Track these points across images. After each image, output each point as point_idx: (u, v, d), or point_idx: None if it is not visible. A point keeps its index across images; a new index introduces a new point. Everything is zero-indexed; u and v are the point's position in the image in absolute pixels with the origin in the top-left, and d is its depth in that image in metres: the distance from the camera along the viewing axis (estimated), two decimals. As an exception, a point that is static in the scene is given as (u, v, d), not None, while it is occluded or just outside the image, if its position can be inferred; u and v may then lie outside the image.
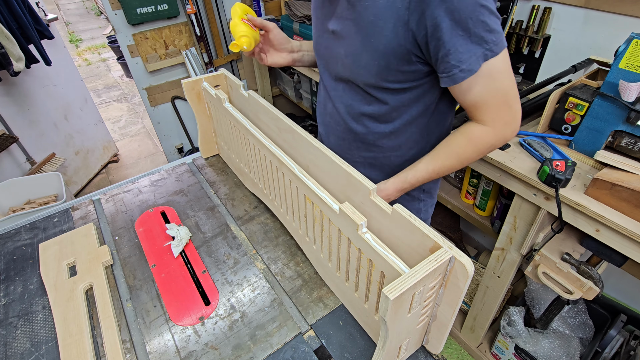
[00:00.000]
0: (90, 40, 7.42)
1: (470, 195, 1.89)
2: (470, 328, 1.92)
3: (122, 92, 5.34)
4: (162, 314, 0.95)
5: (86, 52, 6.92)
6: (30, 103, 2.86)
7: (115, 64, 6.21)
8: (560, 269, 1.28)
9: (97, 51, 6.95)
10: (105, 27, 7.84)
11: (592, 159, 1.30)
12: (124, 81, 5.67)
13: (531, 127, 1.51)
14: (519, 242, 1.46)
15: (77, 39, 7.47)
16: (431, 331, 0.80)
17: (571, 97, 1.34)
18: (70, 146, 3.27)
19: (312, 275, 1.04)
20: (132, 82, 5.53)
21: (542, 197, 1.28)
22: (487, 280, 1.68)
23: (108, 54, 6.73)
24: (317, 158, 0.89)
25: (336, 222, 0.80)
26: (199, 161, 1.48)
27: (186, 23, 2.85)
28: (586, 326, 1.71)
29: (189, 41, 2.93)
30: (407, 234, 0.73)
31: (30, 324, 0.94)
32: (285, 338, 0.89)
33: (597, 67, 1.48)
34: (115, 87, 5.51)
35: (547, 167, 1.20)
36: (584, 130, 1.31)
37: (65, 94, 3.19)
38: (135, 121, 4.57)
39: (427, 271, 0.61)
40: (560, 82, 1.61)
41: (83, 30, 7.92)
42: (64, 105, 3.19)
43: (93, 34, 7.73)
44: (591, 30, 1.60)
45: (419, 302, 0.66)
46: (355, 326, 0.92)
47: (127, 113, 4.78)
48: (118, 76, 5.85)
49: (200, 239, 1.14)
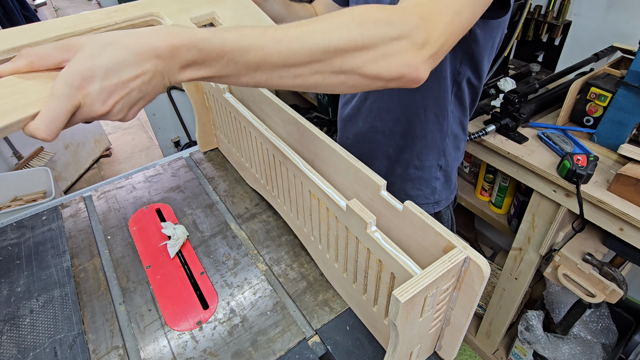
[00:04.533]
0: (81, 28, 7.42)
1: (485, 191, 1.88)
2: (486, 333, 1.92)
3: (114, 83, 5.33)
4: (157, 318, 0.96)
5: (76, 40, 6.92)
6: (17, 94, 2.86)
7: (107, 53, 6.21)
8: (582, 271, 1.28)
9: (87, 39, 6.95)
10: (96, 13, 7.83)
11: (615, 153, 1.29)
12: (116, 71, 5.67)
13: (551, 120, 1.51)
14: (537, 241, 1.46)
15: (66, 26, 7.47)
16: (444, 336, 0.79)
17: (593, 87, 1.33)
18: (60, 139, 3.28)
19: (317, 277, 1.04)
20: (124, 71, 5.52)
21: (562, 193, 1.28)
22: (504, 283, 1.68)
23: (99, 41, 6.73)
24: (323, 152, 0.89)
25: (343, 220, 0.80)
26: (197, 155, 1.48)
27: (182, 9, 2.85)
28: (609, 331, 1.71)
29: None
30: (419, 233, 0.72)
31: (17, 329, 0.94)
32: (288, 344, 0.89)
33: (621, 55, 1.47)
34: (107, 77, 5.50)
35: (568, 162, 1.19)
36: (606, 122, 1.30)
37: (54, 85, 3.19)
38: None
39: (440, 272, 0.61)
40: (581, 71, 1.60)
41: (73, 17, 7.92)
42: (53, 97, 3.19)
43: (83, 21, 7.73)
44: (614, 16, 1.59)
45: (431, 306, 0.66)
46: (364, 331, 0.92)
47: (119, 105, 4.77)
48: (110, 65, 5.85)
49: (198, 239, 1.15)
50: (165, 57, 0.51)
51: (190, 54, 0.52)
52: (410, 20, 0.60)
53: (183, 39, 0.51)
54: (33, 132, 0.49)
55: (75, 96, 0.48)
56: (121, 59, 0.49)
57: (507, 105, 1.40)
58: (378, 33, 0.58)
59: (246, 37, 0.54)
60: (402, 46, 0.60)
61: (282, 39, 0.55)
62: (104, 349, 0.90)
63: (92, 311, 0.98)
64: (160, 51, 0.50)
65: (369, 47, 0.58)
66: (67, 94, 0.48)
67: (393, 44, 0.59)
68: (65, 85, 0.48)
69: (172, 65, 0.53)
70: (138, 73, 0.50)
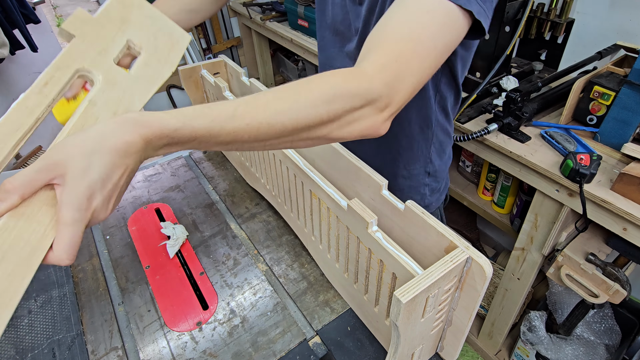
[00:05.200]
0: (79, 26, 7.42)
1: (488, 191, 1.88)
2: (488, 334, 1.92)
3: (113, 81, 5.33)
4: (156, 319, 0.96)
5: (75, 38, 6.92)
6: (15, 92, 2.86)
7: (106, 51, 6.21)
8: (585, 271, 1.28)
9: (86, 37, 6.95)
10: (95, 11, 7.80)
11: (619, 152, 1.29)
12: (115, 69, 5.66)
13: (553, 118, 1.50)
14: (540, 241, 1.46)
15: (64, 24, 7.47)
16: (446, 337, 0.79)
17: (596, 85, 1.33)
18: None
19: (318, 277, 1.04)
20: (123, 70, 5.51)
21: (565, 193, 1.27)
22: (506, 283, 1.68)
23: (98, 40, 6.72)
24: (324, 151, 0.89)
25: (344, 219, 0.80)
26: (196, 154, 1.48)
27: (181, 6, 2.85)
28: (613, 332, 1.71)
29: (184, 26, 2.93)
30: (421, 233, 0.72)
31: (15, 330, 0.94)
32: (289, 345, 0.89)
33: (625, 53, 1.47)
34: (105, 76, 5.50)
35: (571, 161, 1.19)
36: (610, 121, 1.30)
37: (53, 83, 3.20)
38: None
39: (442, 273, 0.61)
40: (584, 69, 1.60)
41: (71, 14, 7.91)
42: (51, 95, 3.20)
43: (82, 19, 7.72)
44: (618, 13, 1.59)
45: (433, 306, 0.66)
46: (365, 332, 0.92)
47: (118, 103, 4.77)
48: (109, 64, 5.85)
49: (197, 239, 1.15)
50: (141, 148, 0.53)
51: (163, 142, 0.55)
52: (374, 89, 0.63)
53: (155, 130, 0.53)
54: (57, 262, 0.52)
55: (86, 217, 0.51)
56: (109, 165, 0.51)
57: (509, 104, 1.40)
58: (344, 107, 0.61)
59: (215, 122, 0.56)
60: (364, 113, 0.64)
61: (251, 122, 0.57)
62: (103, 349, 0.90)
63: (91, 312, 0.98)
64: (137, 145, 0.53)
65: (334, 119, 0.62)
66: (78, 219, 0.51)
67: (356, 112, 0.63)
68: (75, 211, 0.50)
69: (148, 151, 0.55)
70: (124, 170, 0.53)
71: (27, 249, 0.52)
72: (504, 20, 1.44)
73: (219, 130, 0.56)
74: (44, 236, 0.53)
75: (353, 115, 0.63)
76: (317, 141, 0.65)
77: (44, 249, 0.52)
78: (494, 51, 1.54)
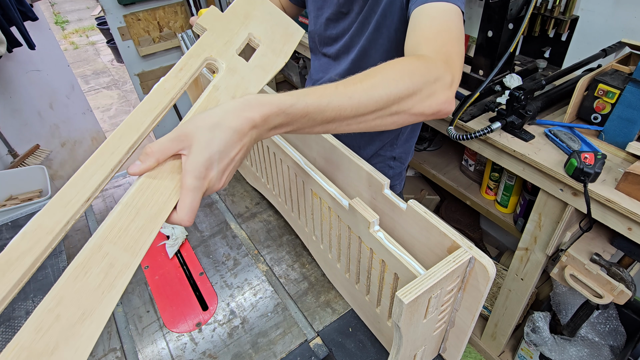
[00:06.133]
0: (78, 22, 7.43)
1: (491, 190, 1.88)
2: (491, 335, 1.92)
3: (112, 79, 5.35)
4: (155, 319, 0.96)
5: (73, 35, 6.93)
6: (12, 90, 2.87)
7: (105, 48, 6.22)
8: (589, 271, 1.28)
9: (85, 34, 6.96)
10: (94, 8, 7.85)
11: (623, 151, 1.29)
12: (114, 66, 5.68)
13: (557, 117, 1.50)
14: (544, 241, 1.46)
15: (63, 20, 7.49)
16: (449, 338, 0.79)
17: (601, 83, 1.32)
18: (56, 137, 3.29)
19: (319, 278, 1.04)
20: (123, 67, 5.53)
21: (569, 192, 1.27)
22: (510, 283, 1.68)
23: (97, 36, 6.73)
24: (325, 150, 0.89)
25: (345, 219, 0.80)
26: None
27: (182, 3, 2.85)
28: (617, 333, 1.70)
29: (185, 23, 2.93)
30: (423, 233, 0.72)
31: (13, 331, 0.94)
32: (289, 346, 0.89)
33: (630, 51, 1.46)
34: (104, 73, 5.52)
35: (575, 160, 1.19)
36: (614, 119, 1.30)
37: (51, 81, 3.20)
38: (127, 110, 4.58)
39: (444, 273, 0.61)
40: (589, 67, 1.60)
41: (70, 11, 7.93)
42: (49, 93, 3.20)
43: (81, 15, 7.74)
44: (623, 11, 1.58)
45: (435, 307, 0.66)
46: (366, 333, 0.92)
47: (117, 101, 4.79)
48: (108, 61, 5.86)
49: (197, 239, 1.15)
50: (259, 125, 0.60)
51: (279, 119, 0.61)
52: (439, 66, 0.76)
53: (273, 107, 0.60)
54: (179, 223, 0.59)
55: (204, 185, 0.58)
56: (228, 140, 0.57)
57: (513, 102, 1.39)
58: (422, 79, 0.72)
59: (323, 97, 0.63)
60: (438, 87, 0.75)
61: (353, 94, 0.66)
62: (102, 351, 0.90)
63: (90, 312, 0.98)
64: (256, 122, 0.59)
65: (417, 91, 0.72)
66: (198, 186, 0.57)
67: (432, 86, 0.74)
68: (195, 178, 0.57)
69: (263, 131, 0.61)
70: (241, 147, 0.59)
71: (155, 208, 0.60)
72: (507, 17, 1.43)
73: (326, 105, 0.63)
74: (169, 199, 0.60)
75: (430, 88, 0.73)
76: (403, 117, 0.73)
77: (168, 210, 0.60)
78: (497, 49, 1.53)
